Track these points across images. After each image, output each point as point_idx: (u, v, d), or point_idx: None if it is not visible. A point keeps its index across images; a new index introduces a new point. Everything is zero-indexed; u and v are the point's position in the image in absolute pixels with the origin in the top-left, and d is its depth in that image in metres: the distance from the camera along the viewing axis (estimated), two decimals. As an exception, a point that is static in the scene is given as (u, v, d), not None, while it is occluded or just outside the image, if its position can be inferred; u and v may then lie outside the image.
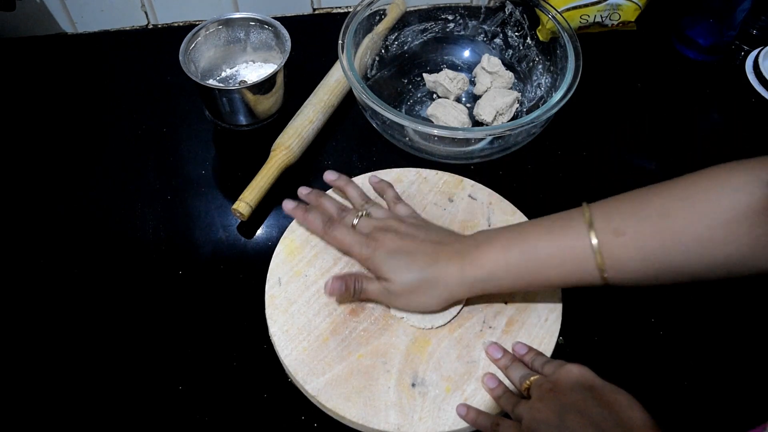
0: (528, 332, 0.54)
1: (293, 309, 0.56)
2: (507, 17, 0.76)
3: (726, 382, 0.55)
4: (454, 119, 0.69)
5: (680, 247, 0.46)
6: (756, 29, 0.82)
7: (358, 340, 0.54)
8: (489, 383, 0.51)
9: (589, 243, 0.47)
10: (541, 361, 0.51)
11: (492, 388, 0.51)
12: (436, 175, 0.65)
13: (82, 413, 0.53)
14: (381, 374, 0.52)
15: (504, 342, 0.54)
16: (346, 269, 0.58)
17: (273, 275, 0.58)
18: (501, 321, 0.55)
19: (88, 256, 0.63)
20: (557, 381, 0.47)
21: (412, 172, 0.65)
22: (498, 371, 0.52)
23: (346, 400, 0.51)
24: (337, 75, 0.71)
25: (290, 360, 0.53)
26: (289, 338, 0.54)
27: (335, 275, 0.54)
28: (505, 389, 0.51)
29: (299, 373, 0.52)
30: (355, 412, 0.50)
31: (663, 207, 0.47)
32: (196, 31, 0.69)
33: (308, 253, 0.59)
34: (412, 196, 0.63)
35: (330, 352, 0.53)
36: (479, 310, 0.56)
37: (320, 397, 0.51)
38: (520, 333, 0.54)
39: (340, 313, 0.55)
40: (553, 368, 0.48)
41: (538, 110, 0.62)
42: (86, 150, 0.71)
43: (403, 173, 0.65)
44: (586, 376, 0.46)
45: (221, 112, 0.69)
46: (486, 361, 0.53)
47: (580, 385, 0.45)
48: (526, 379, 0.49)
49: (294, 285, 0.57)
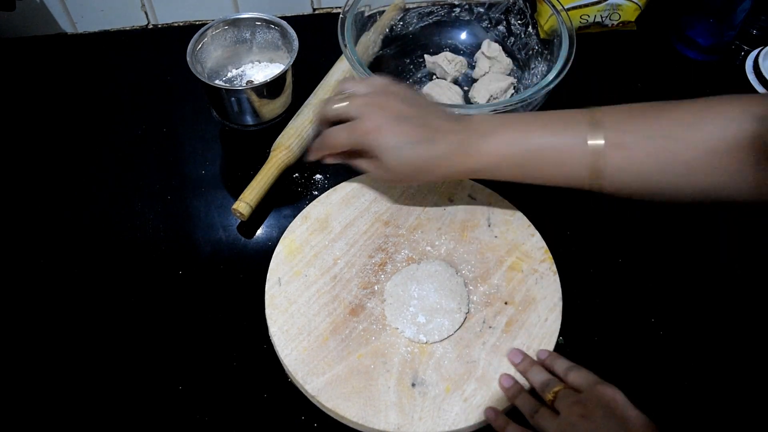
0: (528, 332, 0.54)
1: (293, 309, 0.56)
2: (511, 5, 0.77)
3: (726, 383, 0.55)
4: (448, 100, 0.71)
5: (674, 170, 0.47)
6: (756, 29, 0.82)
7: (358, 340, 0.54)
8: (505, 383, 0.51)
9: (589, 150, 0.48)
10: (563, 366, 0.50)
11: (507, 388, 0.51)
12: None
13: (82, 413, 0.53)
14: (381, 374, 0.52)
15: (504, 342, 0.54)
16: (346, 269, 0.58)
17: (273, 275, 0.58)
18: (501, 321, 0.55)
19: (89, 256, 0.63)
20: (588, 404, 0.45)
21: None
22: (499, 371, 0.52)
23: (346, 400, 0.51)
24: (338, 75, 0.72)
25: (290, 360, 0.53)
26: (289, 338, 0.54)
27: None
28: (521, 389, 0.51)
29: (299, 372, 0.52)
30: (355, 412, 0.50)
31: (670, 129, 0.48)
32: (203, 32, 0.69)
33: (308, 253, 0.59)
34: (413, 197, 0.63)
35: (330, 352, 0.53)
36: (479, 310, 0.56)
37: (320, 396, 0.51)
38: (520, 333, 0.54)
39: (340, 313, 0.55)
40: (581, 380, 0.47)
41: (524, 91, 0.63)
42: (86, 150, 0.71)
43: None
44: (620, 402, 0.44)
45: (229, 112, 0.69)
46: (486, 361, 0.53)
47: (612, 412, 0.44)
48: (551, 389, 0.48)
49: (294, 285, 0.57)
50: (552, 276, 0.57)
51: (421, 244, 0.60)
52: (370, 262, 0.59)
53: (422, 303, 0.55)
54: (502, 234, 0.60)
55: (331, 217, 0.62)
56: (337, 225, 0.61)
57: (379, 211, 0.62)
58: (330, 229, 0.61)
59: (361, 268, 0.58)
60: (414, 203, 0.62)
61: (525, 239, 0.60)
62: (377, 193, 0.63)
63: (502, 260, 0.58)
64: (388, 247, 0.59)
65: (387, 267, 0.58)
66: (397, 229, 0.61)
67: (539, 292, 0.56)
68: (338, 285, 0.57)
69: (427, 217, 0.61)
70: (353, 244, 0.60)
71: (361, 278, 0.58)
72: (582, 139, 0.49)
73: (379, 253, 0.59)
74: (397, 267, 0.58)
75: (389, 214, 0.62)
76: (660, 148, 0.47)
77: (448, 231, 0.60)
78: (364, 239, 0.60)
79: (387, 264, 0.58)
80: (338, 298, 0.56)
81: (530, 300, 0.56)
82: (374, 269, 0.58)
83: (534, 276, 0.57)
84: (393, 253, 0.59)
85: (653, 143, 0.48)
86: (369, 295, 0.57)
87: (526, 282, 0.57)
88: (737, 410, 0.53)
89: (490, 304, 0.56)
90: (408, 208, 0.62)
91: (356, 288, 0.57)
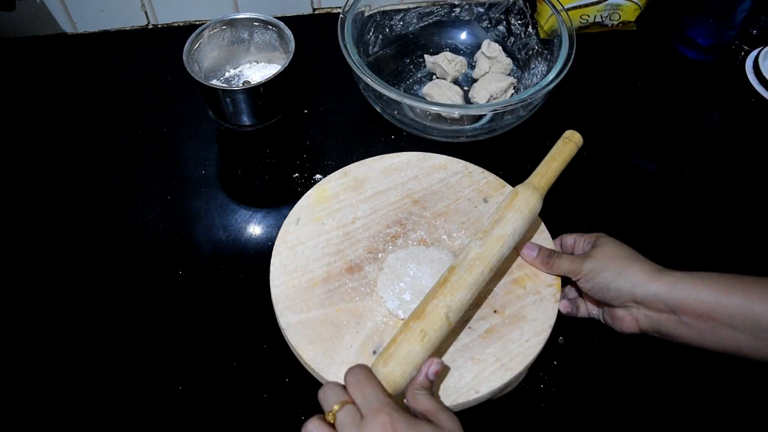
0: (504, 346, 0.52)
1: (299, 249, 0.58)
2: (511, 5, 0.77)
3: (726, 383, 0.55)
4: (447, 99, 0.71)
5: None
6: (756, 29, 0.82)
7: (343, 295, 0.55)
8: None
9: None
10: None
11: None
12: (482, 173, 0.64)
13: (82, 413, 0.53)
14: (350, 332, 0.53)
15: (476, 347, 0.52)
16: (360, 230, 0.59)
17: (294, 215, 0.60)
18: (482, 326, 0.54)
19: (89, 256, 0.63)
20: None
21: (460, 164, 0.65)
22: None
23: (309, 343, 0.53)
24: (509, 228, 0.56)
25: (277, 291, 0.55)
26: (285, 272, 0.56)
27: None
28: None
29: (279, 305, 0.55)
30: (312, 357, 0.52)
31: None
32: (200, 32, 0.69)
33: (334, 205, 0.61)
34: (450, 186, 0.63)
35: (314, 296, 0.55)
36: (467, 309, 0.54)
37: (288, 331, 0.53)
38: (495, 343, 0.52)
39: (338, 267, 0.57)
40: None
41: (524, 91, 0.63)
42: (86, 150, 0.71)
43: (450, 162, 0.65)
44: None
45: (225, 112, 0.69)
46: (450, 357, 0.52)
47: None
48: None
49: (308, 228, 0.60)
50: (552, 303, 0.55)
51: (439, 231, 0.60)
52: (385, 231, 0.60)
53: (414, 283, 0.55)
54: (521, 247, 0.58)
55: (368, 180, 0.63)
56: (370, 189, 0.63)
57: (414, 189, 0.63)
58: (362, 190, 0.62)
59: (375, 234, 0.59)
60: (449, 191, 0.63)
61: None
62: (419, 173, 0.64)
63: (510, 272, 0.57)
64: (407, 224, 0.60)
65: (398, 241, 0.59)
66: (423, 210, 0.61)
67: (532, 313, 0.54)
68: (347, 242, 0.59)
69: (456, 208, 0.61)
70: (377, 210, 0.61)
71: (370, 243, 0.59)
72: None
73: (396, 226, 0.60)
74: (407, 244, 0.59)
75: (422, 194, 0.62)
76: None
77: (470, 227, 0.60)
78: (389, 209, 0.61)
79: (399, 238, 0.59)
80: (342, 253, 0.58)
81: (520, 317, 0.54)
82: (385, 239, 0.59)
83: (535, 297, 0.55)
84: (409, 231, 0.60)
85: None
86: (371, 259, 0.58)
87: (524, 299, 0.55)
88: (737, 410, 0.53)
89: (478, 306, 0.55)
90: (441, 195, 0.62)
91: (362, 250, 0.58)
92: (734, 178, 0.69)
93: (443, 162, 0.65)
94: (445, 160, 0.65)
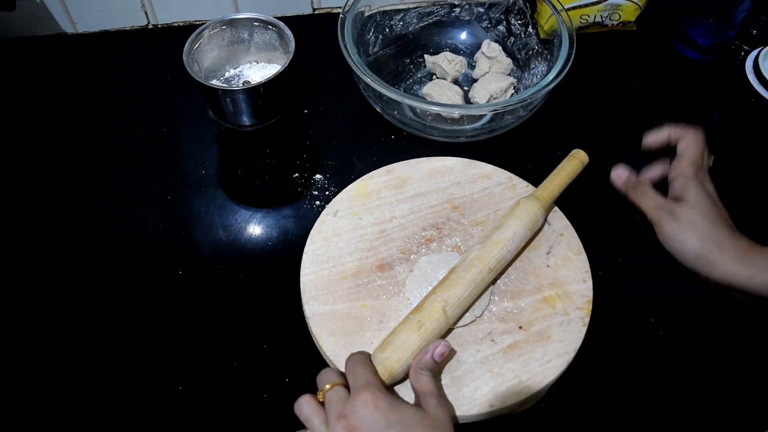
0: (524, 363, 0.52)
1: (333, 240, 0.59)
2: (511, 5, 0.77)
3: (726, 383, 0.55)
4: (447, 99, 0.71)
5: None
6: (756, 29, 0.82)
7: (371, 291, 0.56)
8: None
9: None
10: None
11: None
12: (526, 187, 0.63)
13: (82, 413, 0.53)
14: (372, 329, 0.54)
15: (496, 360, 0.52)
16: (396, 230, 0.60)
17: (334, 206, 0.61)
18: (505, 340, 0.53)
19: (89, 256, 0.63)
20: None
21: (505, 175, 0.64)
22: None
23: (331, 335, 0.53)
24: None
25: (306, 279, 0.56)
26: (317, 262, 0.57)
27: None
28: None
29: (306, 293, 0.55)
30: (332, 348, 0.52)
31: None
32: (200, 32, 0.69)
33: (374, 201, 0.62)
34: (493, 195, 0.63)
35: (342, 289, 0.56)
36: (491, 321, 0.54)
37: (312, 321, 0.54)
38: (516, 360, 0.52)
39: (369, 263, 0.58)
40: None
41: (524, 91, 0.63)
42: (86, 150, 0.71)
43: (495, 172, 0.65)
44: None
45: (225, 112, 0.69)
46: (469, 367, 0.51)
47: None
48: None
49: (345, 221, 0.60)
50: (580, 326, 0.54)
51: (475, 239, 0.59)
52: (421, 234, 0.60)
53: None
54: (555, 266, 0.58)
55: (411, 181, 0.63)
56: (412, 190, 0.63)
57: (455, 195, 0.63)
58: (403, 190, 0.63)
59: (410, 235, 0.59)
60: (491, 200, 0.62)
61: (574, 281, 0.57)
62: (462, 179, 0.64)
63: (541, 289, 0.56)
64: (444, 228, 0.60)
65: (432, 245, 0.59)
66: (462, 217, 0.61)
67: (558, 334, 0.53)
68: (382, 239, 0.59)
69: (495, 219, 0.61)
70: (415, 211, 0.61)
71: (404, 243, 0.59)
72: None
73: (432, 230, 0.60)
74: (441, 248, 0.59)
75: (462, 201, 0.62)
76: None
77: None
78: (427, 212, 0.61)
79: (434, 242, 0.59)
80: (375, 250, 0.58)
81: (545, 336, 0.53)
82: (420, 241, 0.59)
83: (563, 318, 0.54)
84: (445, 236, 0.60)
85: None
86: (402, 260, 0.58)
87: (552, 319, 0.54)
88: (737, 411, 0.53)
89: (504, 321, 0.54)
90: (482, 204, 0.62)
91: (395, 249, 0.59)
92: (734, 178, 0.69)
93: (488, 171, 0.65)
94: (490, 170, 0.65)
